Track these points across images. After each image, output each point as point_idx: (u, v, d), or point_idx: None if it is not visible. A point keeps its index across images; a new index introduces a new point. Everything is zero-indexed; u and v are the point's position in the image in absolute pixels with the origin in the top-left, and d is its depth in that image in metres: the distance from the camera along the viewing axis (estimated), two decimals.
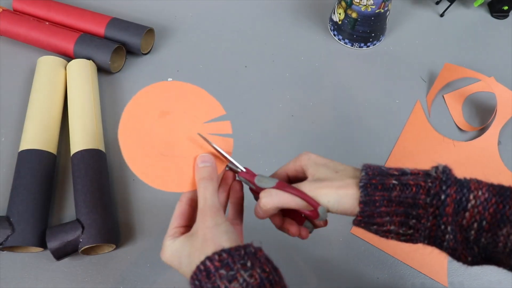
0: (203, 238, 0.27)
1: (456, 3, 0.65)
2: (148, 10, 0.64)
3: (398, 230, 0.28)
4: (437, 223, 0.27)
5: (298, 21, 0.63)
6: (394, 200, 0.28)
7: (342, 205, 0.29)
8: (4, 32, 0.59)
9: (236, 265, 0.25)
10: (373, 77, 0.58)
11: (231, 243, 0.27)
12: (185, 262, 0.28)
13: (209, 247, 0.27)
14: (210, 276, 0.25)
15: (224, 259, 0.25)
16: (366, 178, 0.28)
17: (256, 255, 0.27)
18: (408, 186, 0.28)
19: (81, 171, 0.46)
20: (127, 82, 0.57)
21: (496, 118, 0.50)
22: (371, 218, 0.28)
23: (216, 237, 0.27)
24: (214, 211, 0.29)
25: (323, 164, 0.31)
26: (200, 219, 0.29)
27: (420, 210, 0.27)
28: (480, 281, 0.43)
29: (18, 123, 0.53)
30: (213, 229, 0.27)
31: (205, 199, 0.29)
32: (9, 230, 0.42)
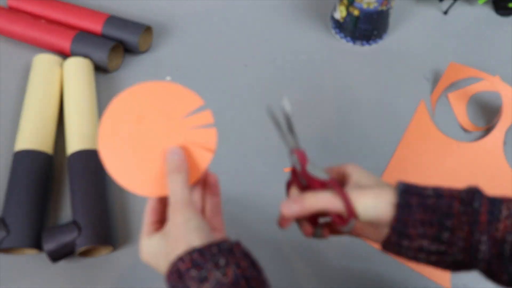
0: (175, 237, 0.27)
1: (460, 1, 0.64)
2: (146, 8, 0.63)
3: (429, 247, 0.28)
4: (471, 230, 0.27)
5: (298, 19, 0.63)
6: (430, 207, 0.28)
7: (380, 210, 0.29)
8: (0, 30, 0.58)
9: (207, 264, 0.25)
10: (375, 76, 0.57)
11: (201, 240, 0.26)
12: (162, 263, 0.28)
13: (181, 247, 0.26)
14: (181, 277, 0.25)
15: (195, 258, 0.25)
16: (403, 187, 0.29)
17: (231, 250, 0.26)
18: (442, 196, 0.29)
19: (78, 171, 0.45)
20: (124, 80, 0.57)
21: (502, 118, 0.49)
22: (405, 226, 0.28)
23: (187, 235, 0.27)
24: (184, 206, 0.28)
25: (366, 175, 0.32)
26: (171, 215, 0.28)
27: (455, 219, 0.27)
28: (484, 285, 0.42)
29: (13, 123, 0.52)
30: (183, 227, 0.27)
31: (175, 194, 0.29)
32: (4, 232, 0.41)
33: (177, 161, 0.30)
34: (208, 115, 0.33)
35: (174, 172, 0.30)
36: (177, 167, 0.30)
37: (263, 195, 0.47)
